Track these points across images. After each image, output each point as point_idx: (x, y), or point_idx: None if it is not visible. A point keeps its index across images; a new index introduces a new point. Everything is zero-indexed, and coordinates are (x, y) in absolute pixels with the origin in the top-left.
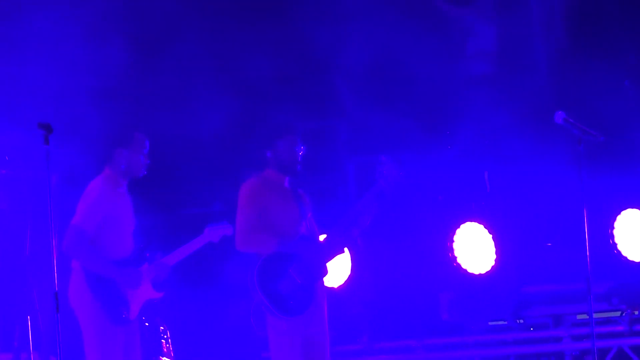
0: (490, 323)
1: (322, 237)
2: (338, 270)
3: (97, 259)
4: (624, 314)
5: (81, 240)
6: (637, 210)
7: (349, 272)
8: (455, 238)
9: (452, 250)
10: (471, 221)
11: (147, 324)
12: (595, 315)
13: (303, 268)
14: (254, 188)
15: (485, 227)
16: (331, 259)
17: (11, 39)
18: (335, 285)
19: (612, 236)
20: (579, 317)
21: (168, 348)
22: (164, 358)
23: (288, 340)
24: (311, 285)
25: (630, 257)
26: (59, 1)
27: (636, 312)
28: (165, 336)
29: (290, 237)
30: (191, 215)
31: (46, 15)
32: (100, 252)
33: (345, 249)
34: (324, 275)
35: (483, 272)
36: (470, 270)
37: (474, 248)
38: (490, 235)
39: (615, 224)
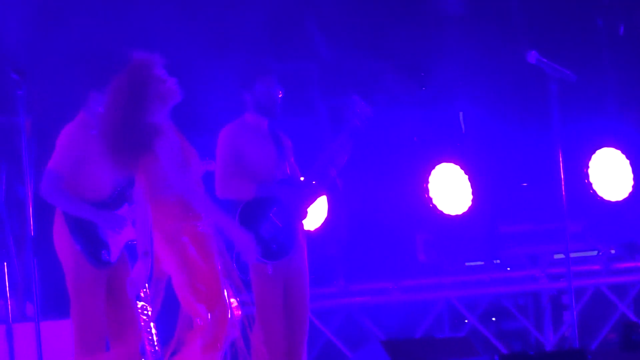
0: (467, 264)
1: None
2: (315, 213)
3: (75, 202)
4: (600, 253)
5: (58, 184)
6: (611, 149)
7: (325, 215)
8: (430, 179)
9: (427, 191)
10: (447, 162)
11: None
12: (571, 255)
13: (283, 212)
14: (232, 133)
15: (461, 168)
16: (311, 202)
17: None
18: (312, 228)
19: (587, 176)
20: (556, 256)
21: (145, 293)
22: (141, 302)
23: (271, 283)
24: (292, 228)
25: (606, 197)
26: None
27: (613, 251)
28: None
29: (268, 181)
30: None
31: None
32: (77, 195)
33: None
34: (304, 218)
35: (459, 212)
36: (446, 211)
37: (450, 189)
38: (466, 176)
39: (590, 164)
